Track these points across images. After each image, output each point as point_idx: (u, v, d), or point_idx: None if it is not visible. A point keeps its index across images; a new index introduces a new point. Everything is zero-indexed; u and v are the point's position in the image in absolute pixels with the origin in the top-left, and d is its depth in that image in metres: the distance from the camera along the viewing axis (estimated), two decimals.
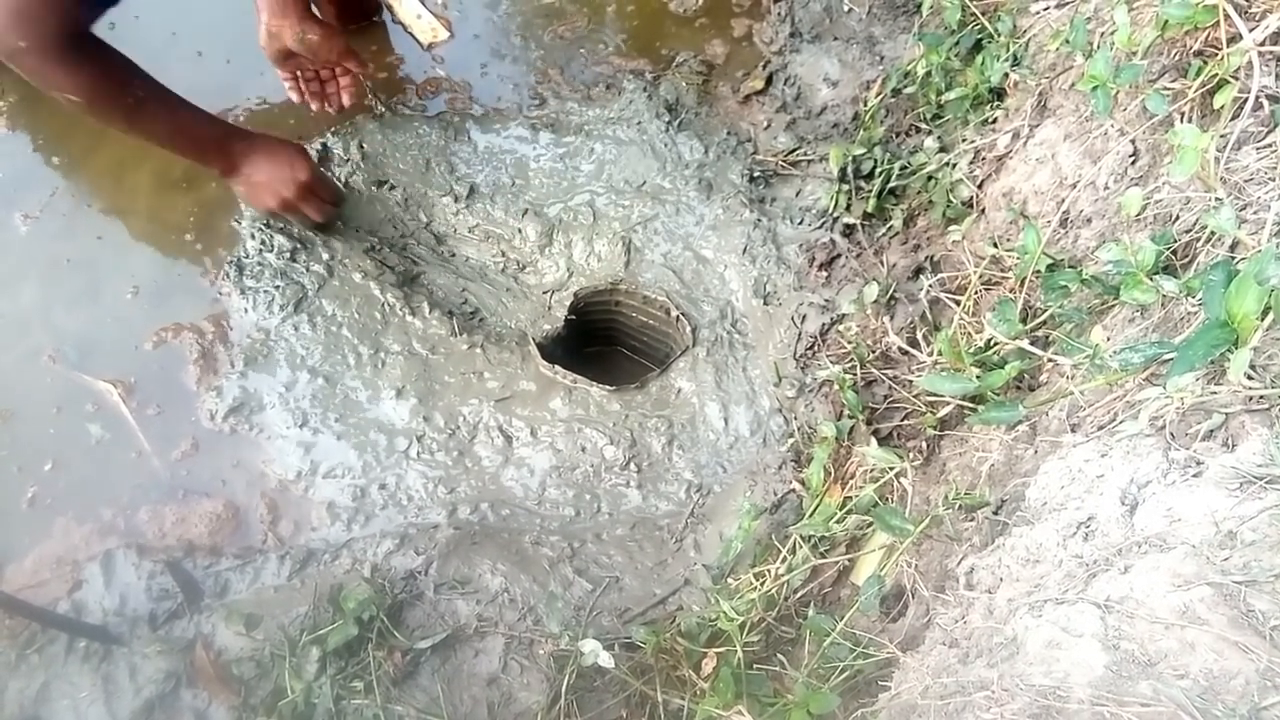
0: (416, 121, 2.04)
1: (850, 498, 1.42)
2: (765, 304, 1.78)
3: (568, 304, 1.86)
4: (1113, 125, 1.34)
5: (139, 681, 1.40)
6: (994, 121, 1.66)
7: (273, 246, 1.82)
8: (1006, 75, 1.62)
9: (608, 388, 1.75)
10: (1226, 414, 0.91)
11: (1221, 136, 1.10)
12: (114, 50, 1.61)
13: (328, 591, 1.46)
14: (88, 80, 1.57)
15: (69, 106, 1.62)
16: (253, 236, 1.84)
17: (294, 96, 1.98)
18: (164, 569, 1.53)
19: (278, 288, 1.79)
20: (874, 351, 1.60)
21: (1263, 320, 0.88)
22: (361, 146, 1.99)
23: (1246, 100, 1.10)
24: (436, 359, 1.78)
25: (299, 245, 1.83)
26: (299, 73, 1.95)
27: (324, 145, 1.98)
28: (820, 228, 1.82)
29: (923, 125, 1.83)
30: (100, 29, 1.56)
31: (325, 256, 1.83)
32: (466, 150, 2.02)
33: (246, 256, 1.83)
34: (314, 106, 1.99)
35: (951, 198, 1.67)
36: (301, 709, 1.35)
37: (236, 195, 1.86)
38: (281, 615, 1.45)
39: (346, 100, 2.00)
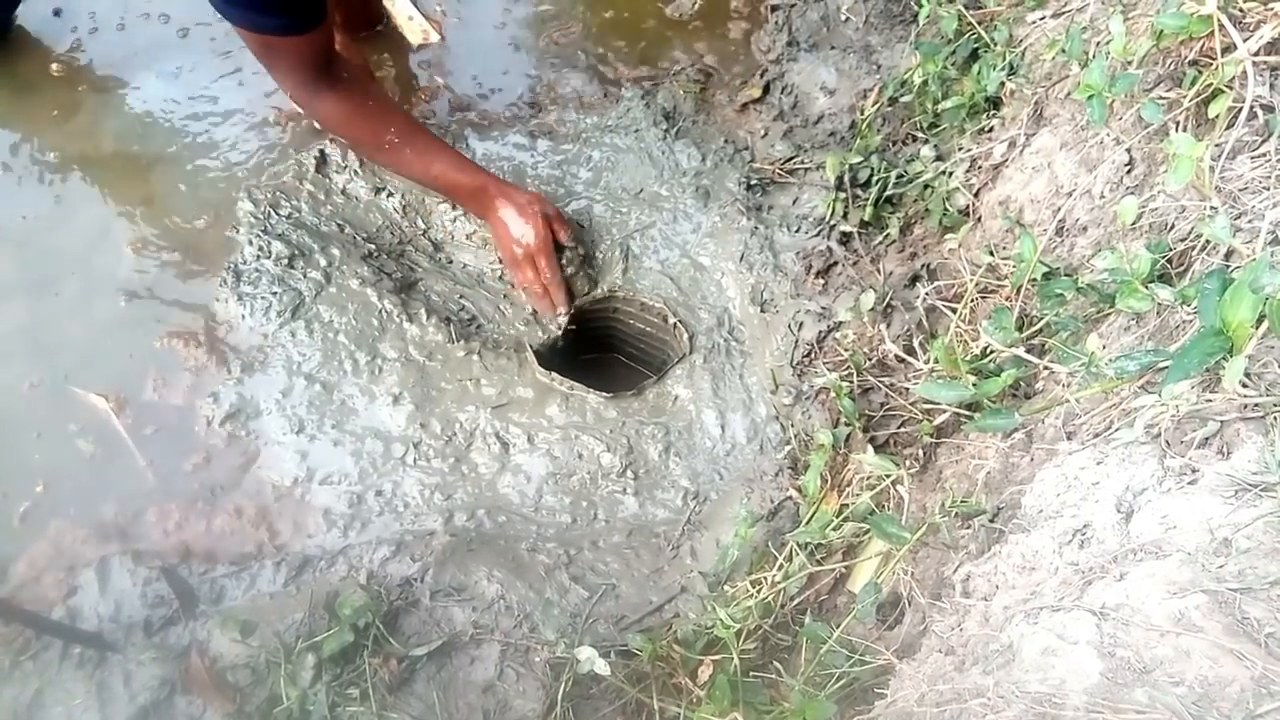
0: None
1: (847, 505, 1.42)
2: (762, 311, 1.79)
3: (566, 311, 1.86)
4: (1108, 134, 1.34)
5: (133, 688, 1.39)
6: (990, 130, 1.67)
7: (270, 253, 1.82)
8: (1003, 84, 1.63)
9: (605, 395, 1.75)
10: (1222, 422, 0.91)
11: (1216, 145, 1.11)
12: (373, 88, 1.87)
13: (323, 598, 1.45)
14: (345, 118, 1.80)
15: (353, 149, 1.94)
16: (250, 243, 1.83)
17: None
18: (159, 576, 1.52)
19: (275, 294, 1.79)
20: (870, 359, 1.61)
21: (1257, 328, 0.89)
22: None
23: (1241, 109, 1.10)
24: (433, 366, 1.77)
25: (297, 252, 1.83)
26: None
27: (321, 152, 1.97)
28: (817, 236, 1.83)
29: (919, 134, 1.84)
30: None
31: (323, 263, 1.83)
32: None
33: (244, 263, 1.83)
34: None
35: (948, 206, 1.67)
36: (297, 716, 1.34)
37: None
38: (277, 622, 1.44)
39: None
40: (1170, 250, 1.12)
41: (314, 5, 1.58)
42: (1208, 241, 1.07)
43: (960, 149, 1.71)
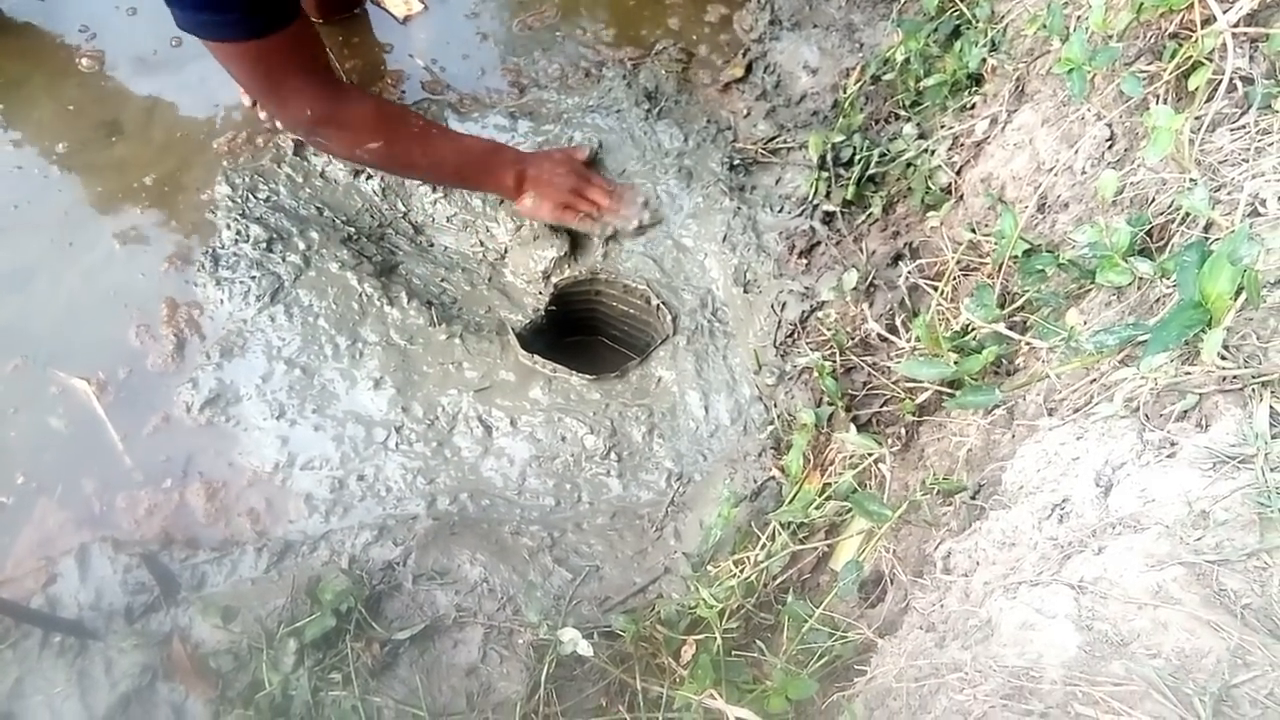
0: None
1: (829, 484, 1.42)
2: (745, 292, 1.78)
3: (548, 293, 1.85)
4: (1089, 109, 1.34)
5: (115, 676, 1.38)
6: (972, 107, 1.66)
7: (248, 237, 1.80)
8: (984, 61, 1.62)
9: (588, 377, 1.74)
10: (1200, 394, 0.91)
11: (1196, 118, 1.10)
12: (370, 93, 1.72)
13: (305, 583, 1.44)
14: (374, 119, 1.61)
15: (373, 161, 1.70)
16: (228, 227, 1.82)
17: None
18: (140, 562, 1.51)
19: (254, 278, 1.78)
20: (853, 338, 1.60)
21: (1236, 300, 0.88)
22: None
23: (1221, 82, 1.10)
24: (415, 349, 1.76)
25: (275, 235, 1.81)
26: None
27: None
28: (800, 215, 1.82)
29: (902, 112, 1.83)
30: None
31: (302, 247, 1.82)
32: None
33: (222, 247, 1.81)
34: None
35: (930, 184, 1.67)
36: (279, 701, 1.34)
37: (527, 216, 1.86)
38: (259, 608, 1.43)
39: None
40: (1150, 224, 1.12)
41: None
42: (1187, 214, 1.07)
43: (942, 127, 1.70)
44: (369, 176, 1.93)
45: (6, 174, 1.94)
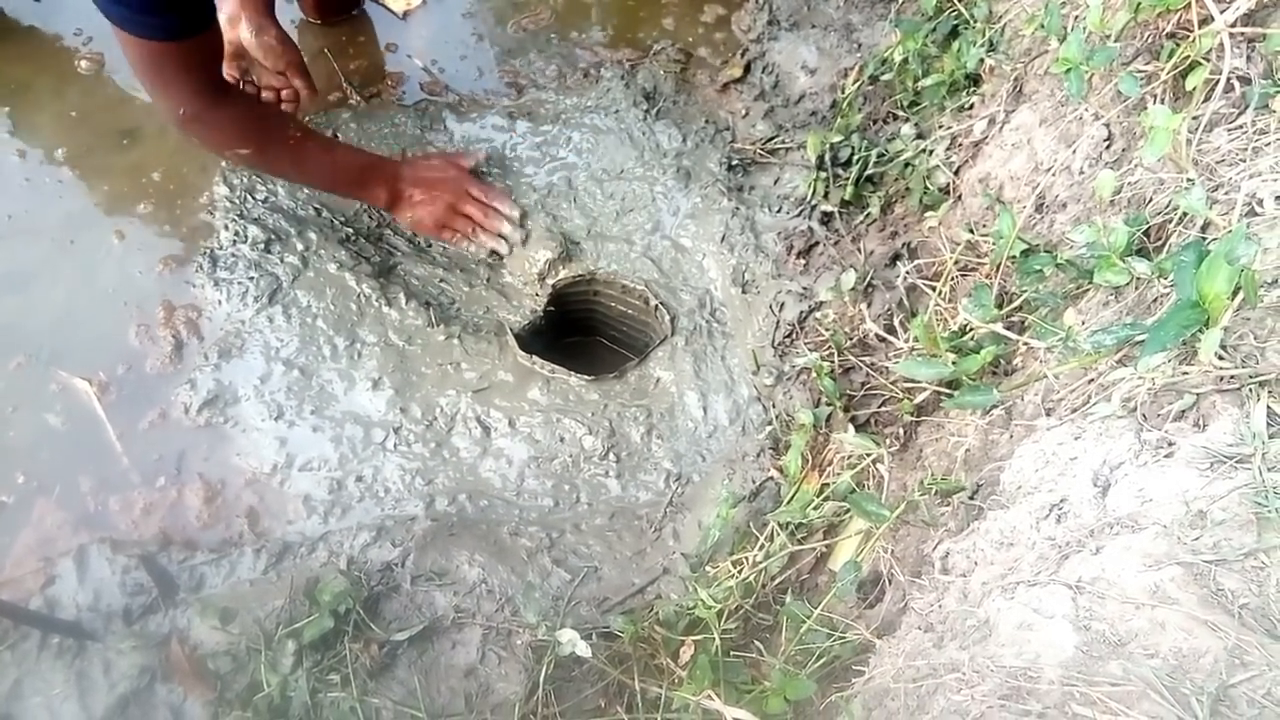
0: (392, 111, 2.03)
1: (828, 484, 1.42)
2: (744, 292, 1.78)
3: (546, 294, 1.85)
4: (1087, 109, 1.34)
5: (113, 677, 1.38)
6: (970, 107, 1.66)
7: (247, 237, 1.80)
8: (982, 61, 1.62)
9: (586, 377, 1.74)
10: (1197, 394, 0.91)
11: (1194, 118, 1.10)
12: (255, 98, 1.73)
13: (304, 585, 1.44)
14: (248, 125, 1.65)
15: (246, 163, 1.75)
16: (226, 227, 1.82)
17: None
18: (138, 564, 1.51)
19: (252, 279, 1.77)
20: (851, 339, 1.60)
21: (1233, 300, 0.88)
22: (335, 136, 1.97)
23: (1218, 82, 1.10)
24: (413, 350, 1.76)
25: (273, 236, 1.81)
26: (243, 77, 1.92)
27: None
28: (798, 216, 1.82)
29: (900, 112, 1.83)
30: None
31: (300, 247, 1.81)
32: (443, 139, 2.00)
33: (220, 248, 1.81)
34: None
35: (928, 184, 1.67)
36: (277, 703, 1.34)
37: (407, 228, 1.89)
38: (257, 609, 1.43)
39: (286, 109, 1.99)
40: (1148, 224, 1.12)
41: (205, 3, 1.46)
42: (1184, 214, 1.07)
43: (940, 127, 1.70)
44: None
45: (10, 177, 1.94)
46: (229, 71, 1.91)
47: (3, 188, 1.93)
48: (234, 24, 1.81)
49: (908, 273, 1.59)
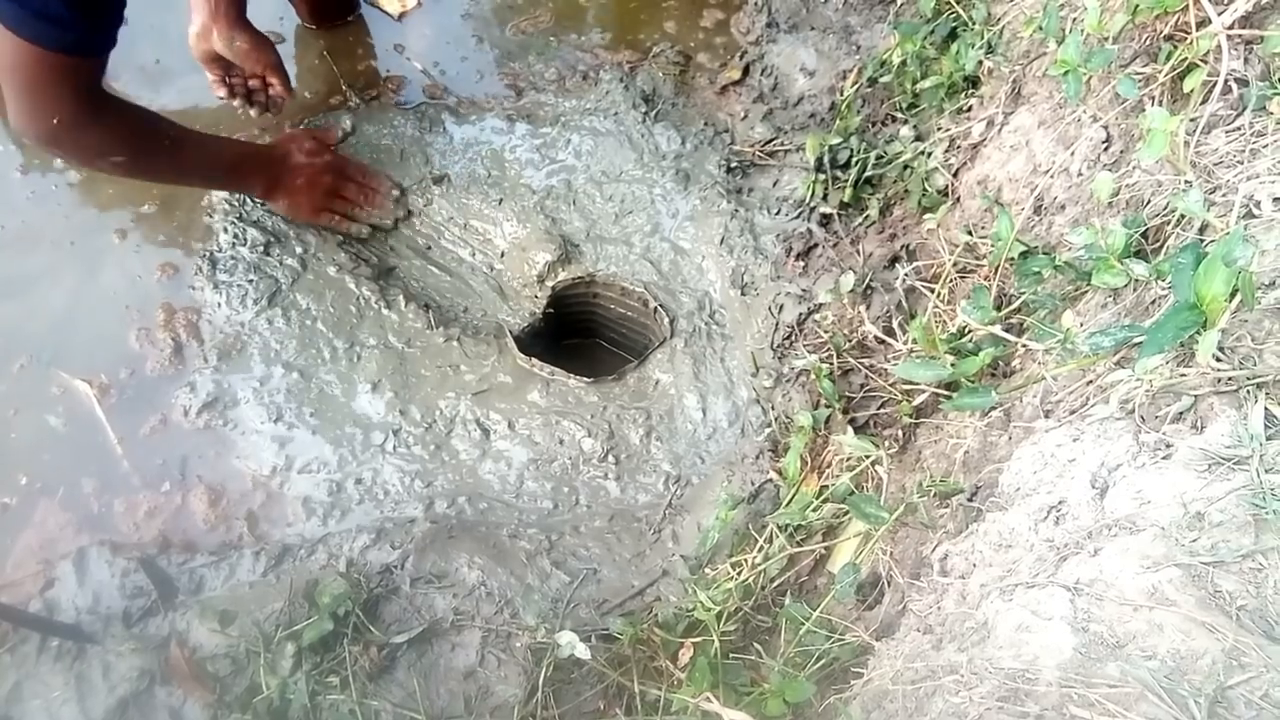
0: (391, 113, 2.03)
1: (827, 486, 1.42)
2: (743, 294, 1.78)
3: (545, 296, 1.85)
4: (1085, 111, 1.34)
5: (113, 680, 1.38)
6: (969, 109, 1.66)
7: (246, 240, 1.80)
8: (981, 63, 1.62)
9: (585, 379, 1.74)
10: (1195, 396, 0.91)
11: (1191, 120, 1.11)
12: (127, 101, 1.60)
13: (303, 587, 1.44)
14: (126, 132, 1.55)
15: (115, 171, 1.62)
16: (225, 230, 1.82)
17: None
18: (138, 566, 1.51)
19: (251, 282, 1.78)
20: (850, 341, 1.60)
21: (1231, 302, 0.88)
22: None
23: (1216, 84, 1.10)
24: (412, 352, 1.76)
25: (273, 239, 1.82)
26: (226, 75, 1.93)
27: None
28: (797, 218, 1.82)
29: (899, 114, 1.83)
30: None
31: (299, 250, 1.82)
32: (442, 141, 2.01)
33: (219, 250, 1.81)
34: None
35: (927, 186, 1.67)
36: (277, 705, 1.34)
37: (284, 215, 1.86)
38: (257, 611, 1.43)
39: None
40: (1145, 226, 1.12)
41: (115, 21, 1.39)
42: (1182, 216, 1.07)
43: (939, 129, 1.70)
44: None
45: (12, 180, 1.94)
46: (211, 74, 1.92)
47: (3, 192, 1.93)
48: (205, 36, 1.82)
49: (906, 275, 1.59)
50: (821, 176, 1.80)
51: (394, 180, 1.90)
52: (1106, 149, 1.30)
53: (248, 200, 1.86)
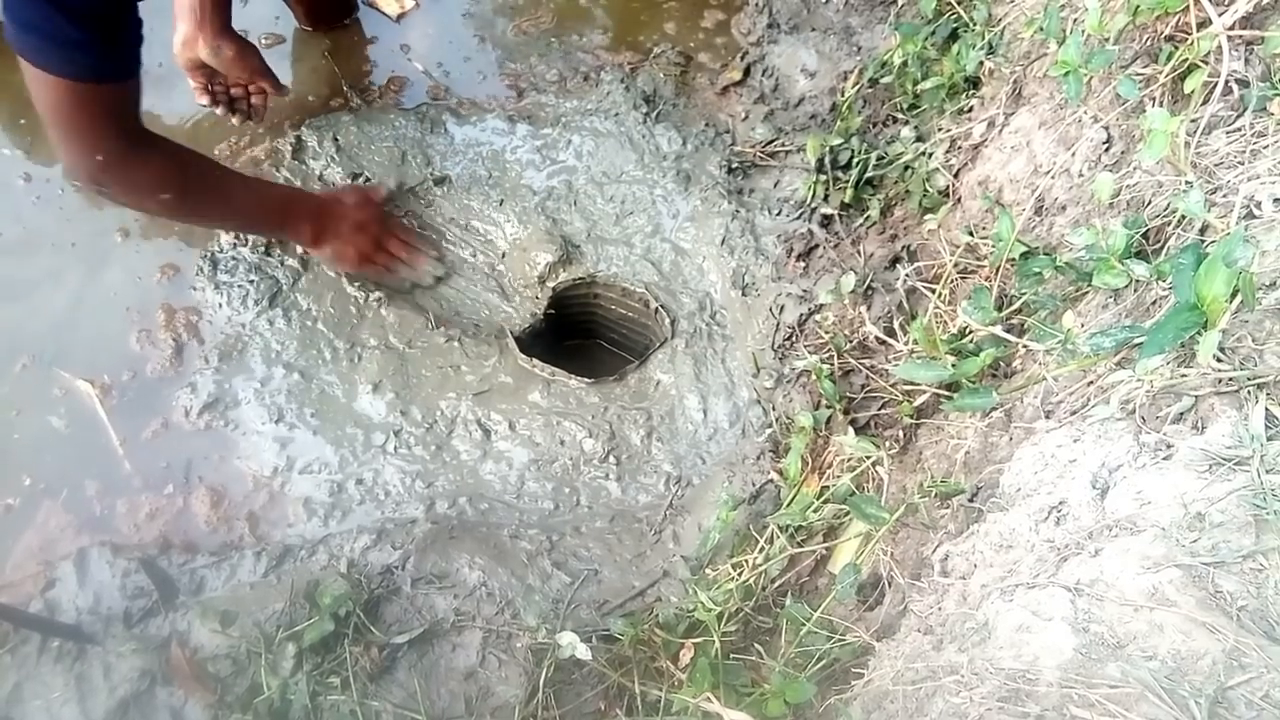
0: (392, 114, 2.03)
1: (827, 487, 1.42)
2: (744, 295, 1.78)
3: (546, 297, 1.85)
4: (1086, 112, 1.34)
5: (113, 681, 1.38)
6: (970, 110, 1.66)
7: (247, 240, 1.80)
8: (982, 64, 1.62)
9: (586, 380, 1.74)
10: (1196, 396, 0.91)
11: (1192, 121, 1.11)
12: (173, 141, 1.57)
13: (304, 588, 1.44)
14: (173, 169, 1.52)
15: (163, 210, 1.58)
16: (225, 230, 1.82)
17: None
18: (138, 567, 1.51)
19: (252, 282, 1.78)
20: (851, 341, 1.60)
21: (1231, 302, 0.88)
22: (336, 139, 1.97)
23: (1216, 84, 1.10)
24: (413, 353, 1.76)
25: (273, 239, 1.82)
26: (209, 83, 1.93)
27: (298, 139, 1.96)
28: (798, 218, 1.82)
29: (899, 115, 1.83)
30: None
31: (300, 250, 1.82)
32: (443, 142, 2.01)
33: (220, 251, 1.82)
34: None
35: (928, 187, 1.67)
36: (278, 706, 1.34)
37: (328, 264, 1.83)
38: (257, 612, 1.43)
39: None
40: (1146, 226, 1.12)
41: (137, 44, 1.38)
42: (1183, 217, 1.07)
43: (940, 130, 1.70)
44: (367, 179, 1.93)
45: (11, 182, 1.95)
46: (194, 82, 1.92)
47: (6, 195, 1.93)
48: (191, 44, 1.81)
49: (907, 275, 1.59)
50: (822, 177, 1.80)
51: (435, 244, 1.88)
52: (1107, 150, 1.30)
53: None
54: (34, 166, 1.97)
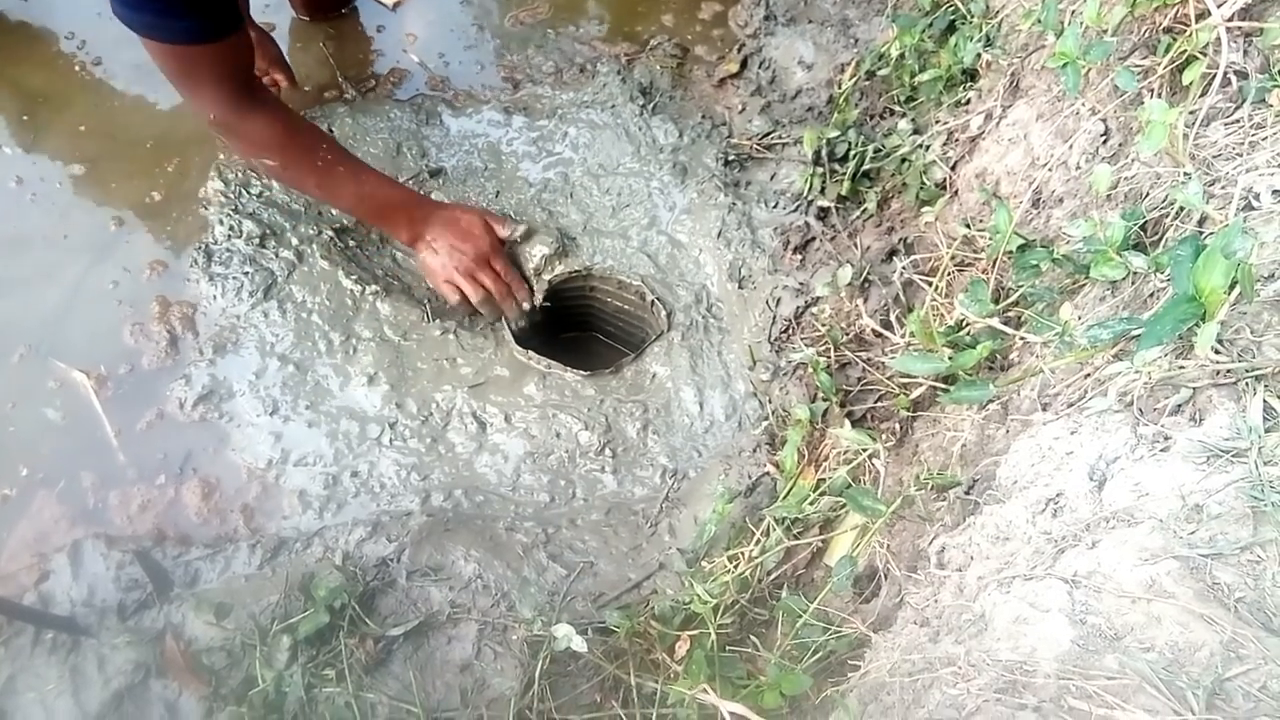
0: (388, 105, 2.02)
1: (824, 480, 1.42)
2: (740, 288, 1.78)
3: (542, 289, 1.85)
4: (1083, 104, 1.34)
5: (108, 673, 1.38)
6: (967, 103, 1.66)
7: (241, 232, 1.80)
8: (979, 56, 1.62)
9: (582, 373, 1.74)
10: (1194, 388, 0.91)
11: (1190, 113, 1.10)
12: (291, 112, 1.67)
13: (299, 580, 1.44)
14: (274, 137, 1.61)
15: (270, 173, 1.76)
16: (221, 222, 1.81)
17: None
18: (133, 559, 1.51)
19: (247, 274, 1.77)
20: (848, 334, 1.60)
21: (1229, 294, 0.88)
22: (331, 131, 1.96)
23: (1215, 76, 1.10)
24: (409, 345, 1.76)
25: (268, 231, 1.81)
26: None
27: None
28: (795, 211, 1.82)
29: (896, 107, 1.83)
30: None
31: (295, 242, 1.81)
32: (439, 134, 2.00)
33: (215, 243, 1.81)
34: None
35: (925, 179, 1.66)
36: (273, 698, 1.33)
37: (417, 267, 1.84)
38: (252, 604, 1.43)
39: None
40: (1144, 218, 1.12)
41: (230, 6, 1.45)
42: (1181, 208, 1.07)
43: (937, 122, 1.70)
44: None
45: (7, 177, 1.94)
46: None
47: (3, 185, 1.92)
48: None
49: (904, 268, 1.59)
50: (819, 170, 1.80)
51: (533, 293, 1.83)
52: (1105, 142, 1.29)
53: (243, 192, 1.85)
54: (28, 163, 1.96)
